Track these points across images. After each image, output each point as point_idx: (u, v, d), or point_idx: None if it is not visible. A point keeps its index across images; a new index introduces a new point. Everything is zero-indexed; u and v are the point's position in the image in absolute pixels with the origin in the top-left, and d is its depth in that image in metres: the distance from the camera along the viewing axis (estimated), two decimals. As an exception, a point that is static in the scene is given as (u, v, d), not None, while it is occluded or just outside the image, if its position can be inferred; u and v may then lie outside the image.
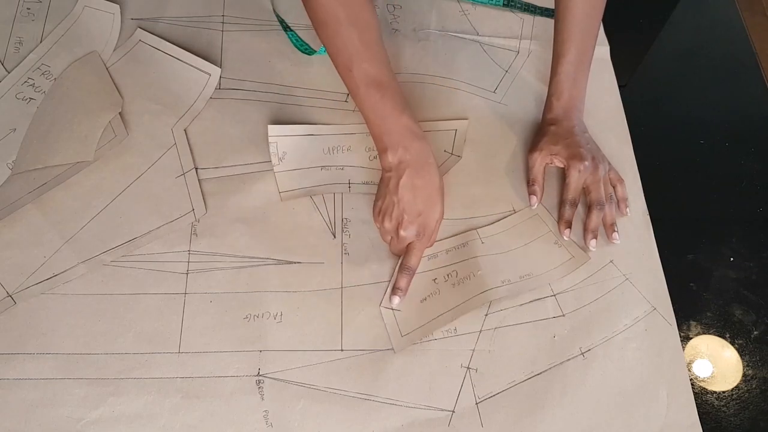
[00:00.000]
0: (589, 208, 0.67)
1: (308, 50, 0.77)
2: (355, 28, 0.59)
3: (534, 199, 0.68)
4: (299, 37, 0.78)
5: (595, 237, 0.66)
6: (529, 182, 0.69)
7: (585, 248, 0.66)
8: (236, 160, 0.69)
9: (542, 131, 0.70)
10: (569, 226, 0.66)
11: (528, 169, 0.70)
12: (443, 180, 0.64)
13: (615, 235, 0.66)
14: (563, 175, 0.69)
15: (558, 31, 0.69)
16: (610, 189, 0.68)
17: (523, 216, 0.68)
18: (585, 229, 0.67)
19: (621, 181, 0.69)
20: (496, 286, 0.63)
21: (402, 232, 0.62)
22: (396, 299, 0.61)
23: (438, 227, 0.64)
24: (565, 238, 0.66)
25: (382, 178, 0.64)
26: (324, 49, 0.61)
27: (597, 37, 0.70)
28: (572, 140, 0.68)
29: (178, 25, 0.78)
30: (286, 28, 0.79)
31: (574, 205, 0.67)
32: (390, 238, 0.63)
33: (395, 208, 0.62)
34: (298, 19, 0.80)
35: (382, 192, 0.64)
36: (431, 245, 0.65)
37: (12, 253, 0.62)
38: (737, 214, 0.72)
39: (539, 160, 0.68)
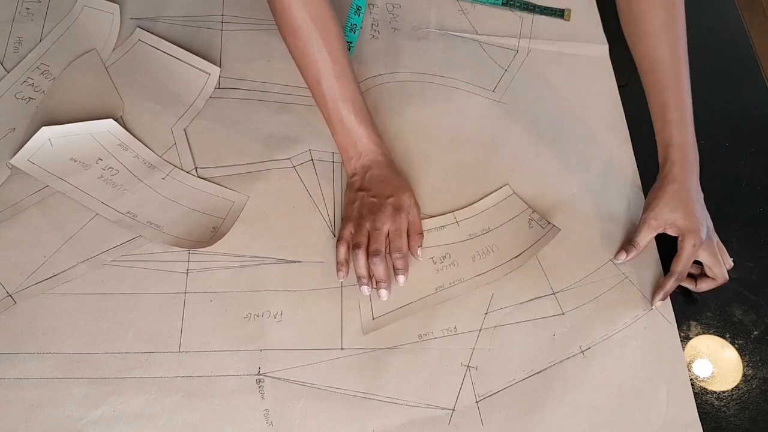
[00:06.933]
0: (706, 276, 0.65)
1: None
2: (325, 43, 0.63)
3: (623, 256, 0.64)
4: None
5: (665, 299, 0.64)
6: (631, 242, 0.64)
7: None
8: (236, 160, 0.69)
9: (662, 189, 0.64)
10: (664, 299, 0.63)
11: (636, 231, 0.65)
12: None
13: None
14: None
15: (649, 80, 0.66)
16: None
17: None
18: (661, 287, 0.63)
19: (723, 251, 0.65)
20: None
21: (377, 219, 0.62)
22: (400, 277, 0.63)
23: (415, 209, 0.65)
24: (654, 307, 0.63)
25: (348, 185, 0.66)
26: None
27: (689, 74, 0.65)
28: (690, 209, 0.63)
29: (177, 24, 0.78)
30: None
31: (682, 278, 0.63)
32: (366, 239, 0.62)
33: (365, 198, 0.63)
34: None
35: (349, 197, 0.65)
36: (420, 234, 0.65)
37: (12, 253, 0.62)
38: (737, 214, 0.72)
39: (653, 230, 0.64)
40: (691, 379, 0.61)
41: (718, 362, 0.63)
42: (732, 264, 0.65)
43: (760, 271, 0.68)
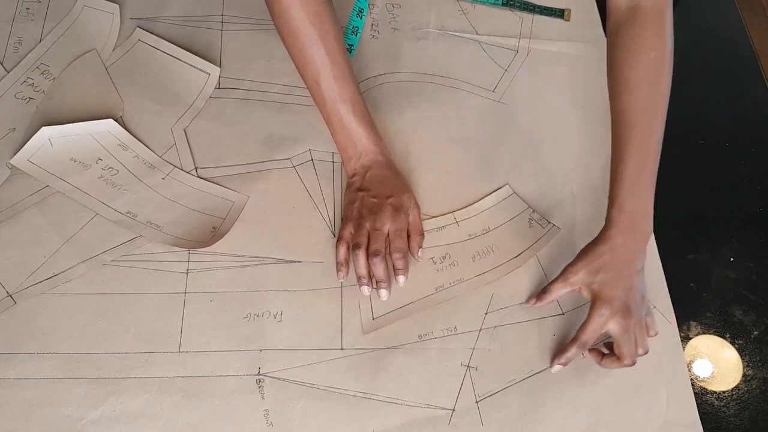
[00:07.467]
0: (614, 354, 0.58)
1: None
2: (324, 44, 0.63)
3: (533, 301, 0.61)
4: None
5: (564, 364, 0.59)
6: (545, 289, 0.61)
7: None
8: (236, 160, 0.69)
9: (591, 247, 0.60)
10: (565, 364, 0.58)
11: (554, 279, 0.61)
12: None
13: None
14: None
15: (615, 134, 0.62)
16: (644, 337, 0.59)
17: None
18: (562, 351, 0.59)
19: (643, 334, 0.59)
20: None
21: (377, 219, 0.62)
22: (400, 278, 0.63)
23: (415, 209, 0.65)
24: (552, 371, 0.59)
25: (348, 185, 0.66)
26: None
27: (661, 140, 0.61)
28: (612, 277, 0.58)
29: (177, 24, 0.78)
30: None
31: (585, 347, 0.58)
32: (366, 239, 0.62)
33: (365, 198, 0.63)
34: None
35: (350, 197, 0.65)
36: (421, 234, 0.65)
37: (12, 253, 0.62)
38: (737, 214, 0.72)
39: (568, 286, 0.60)
40: (691, 379, 0.61)
41: (718, 362, 0.63)
42: (647, 350, 0.58)
43: (760, 271, 0.68)
